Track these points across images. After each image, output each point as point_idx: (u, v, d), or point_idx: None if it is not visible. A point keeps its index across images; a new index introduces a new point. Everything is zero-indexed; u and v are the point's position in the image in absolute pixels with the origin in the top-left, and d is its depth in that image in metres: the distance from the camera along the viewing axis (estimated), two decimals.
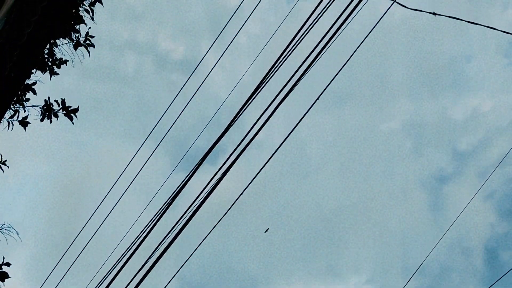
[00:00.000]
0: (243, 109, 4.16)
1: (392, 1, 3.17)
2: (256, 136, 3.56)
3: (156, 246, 4.50)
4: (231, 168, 3.92)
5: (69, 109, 6.91)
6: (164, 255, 4.17)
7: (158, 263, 4.27)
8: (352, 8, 3.36)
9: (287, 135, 3.57)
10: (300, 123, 3.63)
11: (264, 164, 3.99)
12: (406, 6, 3.18)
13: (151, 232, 4.50)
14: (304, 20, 3.92)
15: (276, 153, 3.62)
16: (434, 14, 3.19)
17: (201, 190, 4.14)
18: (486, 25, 2.96)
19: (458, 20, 3.15)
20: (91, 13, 6.18)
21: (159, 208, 4.59)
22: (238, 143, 3.98)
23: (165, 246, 4.27)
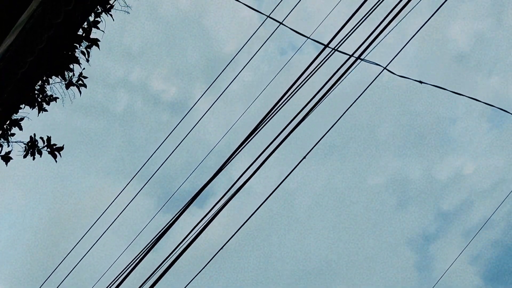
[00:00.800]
0: (232, 157, 4.30)
1: (382, 68, 3.42)
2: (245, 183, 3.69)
3: None
4: (218, 216, 4.00)
5: (54, 147, 6.93)
6: None
7: None
8: (344, 70, 3.60)
9: (274, 187, 3.71)
10: (288, 170, 3.78)
11: (249, 216, 4.08)
12: (394, 73, 3.44)
13: (132, 275, 4.49)
14: (296, 73, 4.16)
15: (264, 201, 3.74)
16: (421, 82, 3.45)
17: (186, 235, 4.20)
18: (470, 96, 3.22)
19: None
20: (86, 55, 6.34)
21: (141, 249, 4.61)
22: (226, 191, 4.09)
23: None
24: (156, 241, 4.57)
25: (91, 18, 6.09)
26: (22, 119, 6.91)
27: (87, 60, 6.37)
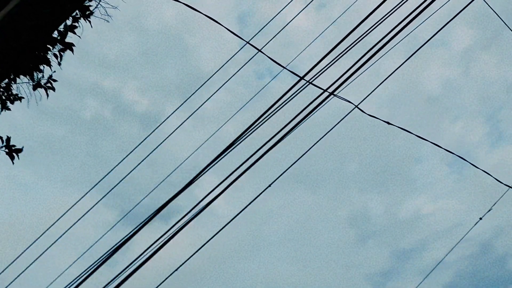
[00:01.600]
0: (199, 176, 4.30)
1: (354, 106, 3.54)
2: (214, 202, 3.69)
3: None
4: (179, 233, 3.98)
5: (13, 148, 6.72)
6: None
7: None
8: (317, 104, 3.70)
9: (244, 213, 3.73)
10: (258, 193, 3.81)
11: (209, 239, 4.07)
12: (364, 112, 3.56)
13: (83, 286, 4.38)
14: (271, 99, 4.23)
15: (232, 224, 3.75)
16: (388, 123, 3.59)
17: (144, 250, 4.14)
18: (433, 141, 3.38)
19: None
20: (59, 58, 6.23)
21: (93, 262, 4.51)
22: (188, 210, 4.07)
23: None
24: (110, 254, 4.48)
25: (69, 22, 6.02)
26: None
27: (59, 64, 6.26)
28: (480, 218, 6.11)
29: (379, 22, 3.85)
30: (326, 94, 3.84)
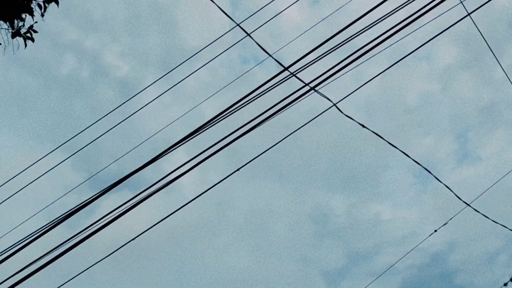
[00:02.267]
0: (168, 150, 4.29)
1: (332, 104, 3.59)
2: (180, 180, 3.70)
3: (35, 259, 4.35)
4: (141, 205, 3.98)
5: None
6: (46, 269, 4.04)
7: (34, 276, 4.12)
8: (297, 96, 3.73)
9: (210, 196, 3.75)
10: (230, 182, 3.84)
11: (166, 216, 4.07)
12: (342, 111, 3.62)
13: (37, 244, 4.35)
14: (252, 85, 4.24)
15: (195, 204, 3.77)
16: (363, 126, 3.67)
17: (105, 214, 4.13)
18: (402, 150, 3.47)
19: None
20: (43, 10, 6.08)
21: (51, 220, 4.47)
22: (154, 182, 4.07)
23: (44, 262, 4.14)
24: (69, 215, 4.44)
25: None
26: None
27: (42, 15, 6.10)
28: (435, 230, 6.30)
29: (369, 26, 3.90)
30: (307, 88, 3.88)
